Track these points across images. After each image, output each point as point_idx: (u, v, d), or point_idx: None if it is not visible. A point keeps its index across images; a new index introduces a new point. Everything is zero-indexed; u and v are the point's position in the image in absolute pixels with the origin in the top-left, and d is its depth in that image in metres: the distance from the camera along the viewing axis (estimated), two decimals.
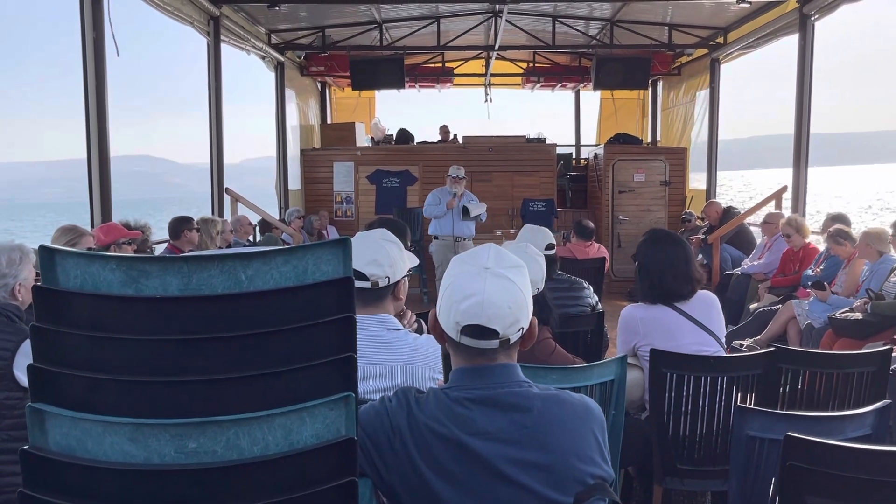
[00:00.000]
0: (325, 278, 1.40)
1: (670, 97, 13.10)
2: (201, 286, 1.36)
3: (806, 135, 8.31)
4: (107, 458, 1.34)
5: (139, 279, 1.35)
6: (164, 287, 1.36)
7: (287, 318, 1.38)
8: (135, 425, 1.33)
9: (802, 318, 6.13)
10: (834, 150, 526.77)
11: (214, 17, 8.13)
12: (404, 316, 2.65)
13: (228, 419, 1.34)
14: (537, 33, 11.81)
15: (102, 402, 1.35)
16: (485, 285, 1.62)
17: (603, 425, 1.72)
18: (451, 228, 8.74)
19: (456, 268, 1.70)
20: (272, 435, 1.35)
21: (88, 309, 1.37)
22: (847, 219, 7.06)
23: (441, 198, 8.86)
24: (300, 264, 1.39)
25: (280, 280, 1.38)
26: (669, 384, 3.17)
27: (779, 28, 8.76)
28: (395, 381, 2.13)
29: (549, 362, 3.13)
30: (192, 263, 1.36)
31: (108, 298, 1.35)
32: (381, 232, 2.45)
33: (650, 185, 11.06)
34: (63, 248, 1.39)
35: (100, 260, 1.37)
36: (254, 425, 1.34)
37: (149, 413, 1.34)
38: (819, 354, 3.43)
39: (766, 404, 3.06)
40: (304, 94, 12.38)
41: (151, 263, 1.36)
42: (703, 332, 3.38)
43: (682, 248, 3.46)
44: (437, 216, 8.85)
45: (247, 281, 1.37)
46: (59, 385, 1.36)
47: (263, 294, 1.37)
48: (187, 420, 1.34)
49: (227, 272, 1.36)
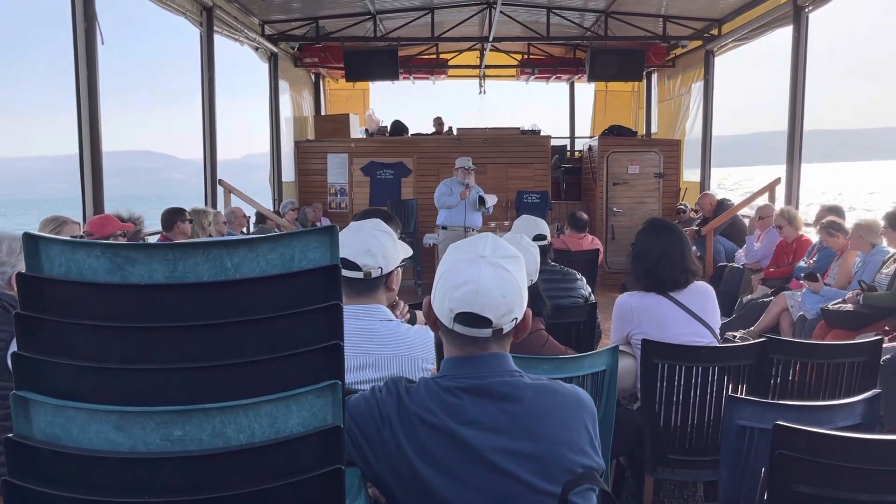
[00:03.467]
0: (312, 266, 1.39)
1: (665, 89, 13.11)
2: (187, 273, 1.35)
3: (800, 128, 8.34)
4: (92, 446, 1.33)
5: (125, 266, 1.34)
6: (150, 274, 1.34)
7: (273, 305, 1.37)
8: (120, 413, 1.32)
9: (795, 310, 6.15)
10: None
11: (207, 7, 8.09)
12: (397, 306, 2.65)
13: (214, 407, 1.33)
14: (532, 25, 11.81)
15: (87, 390, 1.34)
16: (480, 273, 1.61)
17: (594, 416, 1.72)
18: (462, 219, 8.74)
19: (452, 255, 1.70)
20: (258, 423, 1.34)
21: (73, 296, 1.35)
22: (841, 210, 7.08)
23: (452, 188, 8.85)
24: (286, 252, 1.38)
25: (266, 268, 1.37)
26: (661, 374, 3.18)
27: (773, 20, 8.78)
28: (387, 372, 2.13)
29: (541, 353, 3.13)
30: (177, 251, 1.35)
31: (94, 286, 1.34)
32: (375, 222, 2.44)
33: (644, 178, 11.07)
34: (47, 236, 1.37)
35: (85, 247, 1.35)
36: (239, 413, 1.33)
37: (134, 401, 1.33)
38: (810, 345, 3.44)
39: (757, 394, 3.07)
40: (297, 85, 12.35)
41: (137, 251, 1.35)
42: (697, 322, 3.39)
43: (679, 239, 3.47)
44: (451, 206, 8.83)
45: (233, 268, 1.36)
46: (43, 373, 1.35)
47: (250, 281, 1.36)
48: (173, 408, 1.33)
49: (212, 260, 1.35)
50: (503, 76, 14.78)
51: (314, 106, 13.53)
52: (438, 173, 10.56)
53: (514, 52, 14.11)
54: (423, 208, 10.70)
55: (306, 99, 13.01)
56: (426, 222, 10.31)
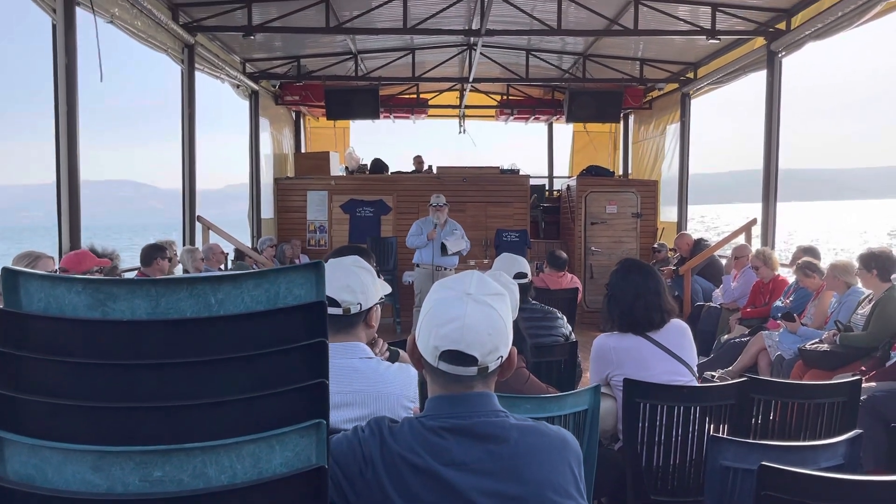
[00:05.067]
0: (298, 302, 1.38)
1: (641, 131, 13.30)
2: (170, 310, 1.33)
3: (775, 168, 8.48)
4: (68, 487, 1.30)
5: (106, 302, 1.32)
6: (132, 311, 1.32)
7: (258, 343, 1.35)
8: (98, 453, 1.29)
9: (773, 350, 6.18)
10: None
11: (189, 45, 8.13)
12: (376, 344, 2.62)
13: (195, 447, 1.30)
14: (511, 66, 11.98)
15: (65, 429, 1.31)
16: (466, 311, 1.60)
17: (580, 458, 1.70)
18: (431, 258, 8.82)
19: (438, 292, 1.68)
20: (240, 463, 1.32)
21: (53, 333, 1.33)
22: (817, 251, 7.16)
23: (423, 228, 8.99)
24: (272, 288, 1.37)
25: (251, 304, 1.36)
26: (643, 414, 3.16)
27: (747, 64, 8.95)
28: (369, 410, 2.10)
29: (522, 392, 3.11)
30: (160, 286, 1.33)
31: (74, 322, 1.32)
32: (354, 258, 2.42)
33: (622, 217, 11.17)
34: (27, 271, 1.35)
35: (65, 282, 1.33)
36: (221, 453, 1.31)
37: (113, 441, 1.30)
38: (791, 385, 3.45)
39: (739, 434, 3.06)
40: (278, 122, 12.38)
41: (119, 286, 1.33)
42: (675, 360, 3.38)
43: (653, 279, 3.48)
44: (419, 246, 8.96)
45: (217, 305, 1.34)
46: (19, 411, 1.31)
47: (234, 318, 1.34)
48: (153, 448, 1.30)
49: (196, 296, 1.33)
50: (483, 116, 14.92)
51: (294, 143, 13.56)
52: (418, 211, 10.57)
53: (493, 93, 14.27)
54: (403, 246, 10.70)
55: (286, 136, 13.03)
56: (405, 260, 10.30)
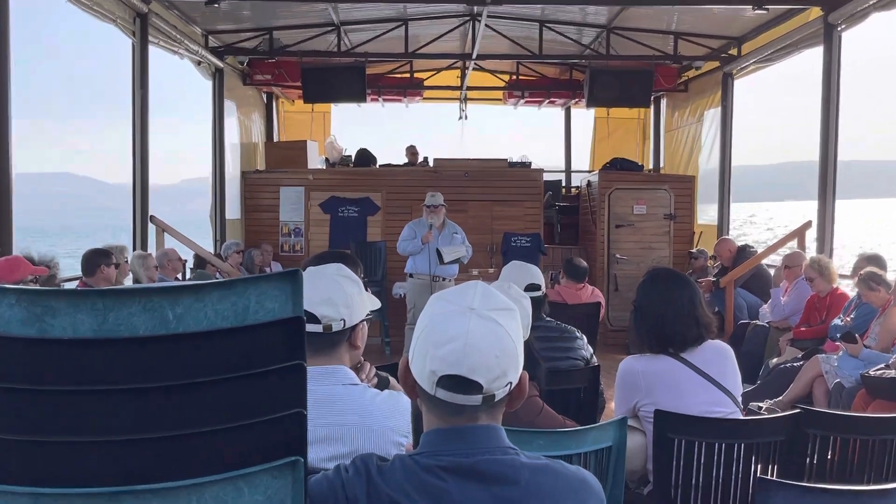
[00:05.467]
0: (271, 318, 1.38)
1: (675, 117, 13.31)
2: (119, 326, 1.33)
3: (833, 162, 8.46)
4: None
5: (44, 317, 1.32)
6: (74, 327, 1.33)
7: (224, 365, 1.35)
8: (33, 496, 1.29)
9: (831, 376, 6.18)
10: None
11: (142, 14, 8.14)
12: (362, 369, 2.62)
13: (147, 489, 1.30)
14: (522, 40, 11.97)
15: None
16: (468, 328, 1.59)
17: (602, 502, 1.70)
18: (427, 266, 8.66)
19: (436, 306, 1.67)
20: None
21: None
22: (882, 260, 7.16)
23: (417, 231, 8.80)
24: (240, 301, 1.37)
25: (215, 320, 1.36)
26: (677, 452, 3.16)
27: (801, 39, 8.97)
28: (353, 447, 2.10)
29: (535, 425, 3.11)
30: (108, 299, 1.33)
31: (5, 340, 1.32)
32: (337, 266, 2.43)
33: (652, 219, 11.18)
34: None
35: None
36: (180, 496, 1.31)
37: (51, 481, 1.30)
38: (852, 418, 3.45)
39: (790, 476, 3.07)
40: (246, 106, 12.40)
41: (59, 298, 1.33)
42: (716, 388, 3.38)
43: (688, 287, 3.47)
44: (412, 253, 8.80)
45: (175, 321, 1.34)
46: None
47: (195, 336, 1.35)
48: (98, 490, 1.30)
49: (151, 310, 1.34)
50: (488, 99, 14.96)
51: (265, 130, 13.58)
52: (411, 211, 10.55)
53: (500, 72, 14.30)
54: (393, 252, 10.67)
55: (256, 122, 13.04)
56: (396, 269, 10.25)
